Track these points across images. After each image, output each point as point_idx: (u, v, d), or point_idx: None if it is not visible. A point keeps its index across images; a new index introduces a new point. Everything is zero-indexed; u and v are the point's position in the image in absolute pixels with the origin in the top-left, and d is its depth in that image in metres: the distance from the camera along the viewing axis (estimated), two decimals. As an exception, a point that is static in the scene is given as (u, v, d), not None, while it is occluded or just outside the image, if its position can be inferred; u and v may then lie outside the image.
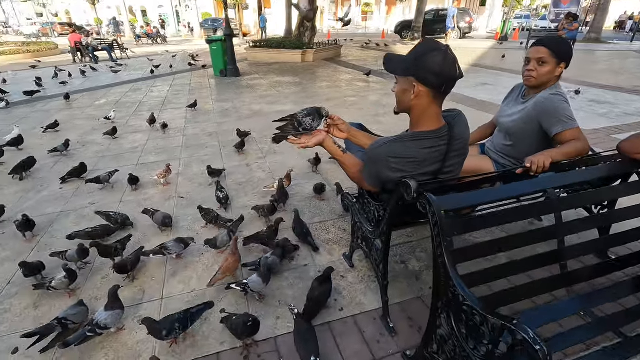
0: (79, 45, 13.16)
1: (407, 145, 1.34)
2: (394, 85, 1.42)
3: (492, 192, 1.38)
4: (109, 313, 1.74)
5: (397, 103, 1.44)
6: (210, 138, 4.65)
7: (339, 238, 2.48)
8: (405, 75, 1.33)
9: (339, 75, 9.32)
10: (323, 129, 1.68)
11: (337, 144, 1.66)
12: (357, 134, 1.79)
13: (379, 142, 1.40)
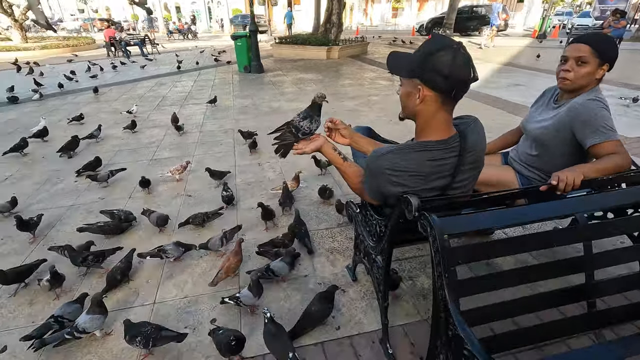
0: (113, 40, 13.62)
1: (409, 156, 1.17)
2: (399, 87, 1.26)
3: (506, 215, 1.18)
4: (89, 317, 1.69)
5: (402, 108, 1.27)
6: (226, 135, 4.61)
7: (344, 247, 2.34)
8: (410, 76, 1.16)
9: (363, 73, 9.09)
10: (322, 134, 1.54)
11: (338, 150, 1.51)
12: (361, 140, 1.63)
13: (378, 152, 1.24)
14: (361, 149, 1.63)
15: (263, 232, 2.53)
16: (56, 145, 4.41)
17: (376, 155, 1.24)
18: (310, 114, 1.49)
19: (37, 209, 2.91)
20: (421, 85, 1.12)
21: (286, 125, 1.51)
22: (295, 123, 1.48)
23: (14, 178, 3.52)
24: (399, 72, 1.21)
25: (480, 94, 6.40)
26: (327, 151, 1.50)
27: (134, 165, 3.73)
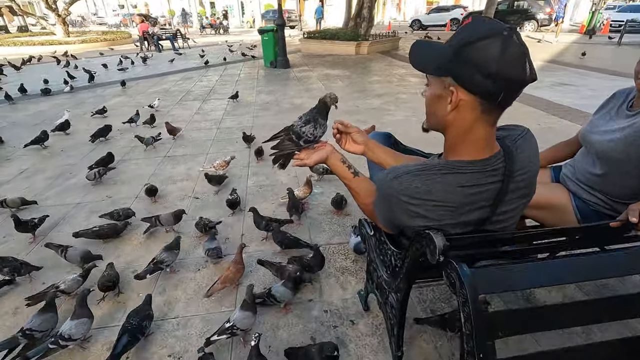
0: (146, 34, 13.90)
1: (435, 180, 0.88)
2: (425, 89, 0.96)
3: (574, 267, 0.86)
4: (74, 322, 1.55)
5: (427, 116, 0.97)
6: (244, 132, 4.42)
7: (357, 268, 2.06)
8: (439, 74, 0.86)
9: (393, 69, 8.67)
10: (330, 143, 1.27)
11: (347, 162, 1.23)
12: (378, 149, 1.32)
13: (393, 172, 0.95)
14: (377, 159, 1.33)
15: (264, 242, 2.30)
16: (77, 138, 4.42)
17: (390, 176, 0.95)
18: (314, 116, 1.22)
19: (44, 206, 2.83)
20: (454, 87, 0.82)
21: (285, 131, 1.25)
22: (296, 128, 1.22)
23: (30, 172, 3.50)
24: (425, 68, 0.91)
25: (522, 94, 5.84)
26: (334, 163, 1.22)
27: (146, 162, 3.62)
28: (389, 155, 1.31)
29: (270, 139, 1.27)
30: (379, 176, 1.01)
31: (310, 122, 1.22)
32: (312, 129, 1.21)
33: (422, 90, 0.97)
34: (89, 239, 2.32)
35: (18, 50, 15.19)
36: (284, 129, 1.27)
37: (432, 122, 0.95)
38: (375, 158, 1.32)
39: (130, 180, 3.22)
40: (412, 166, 0.95)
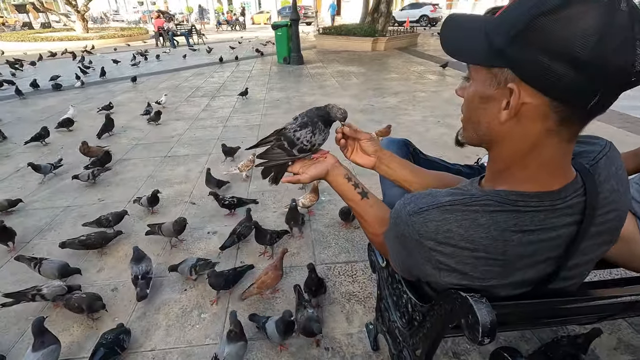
0: (161, 30, 13.87)
1: (477, 221, 0.59)
2: (462, 82, 0.67)
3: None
4: (39, 354, 1.32)
5: (465, 123, 0.67)
6: (251, 132, 4.18)
7: (367, 294, 1.77)
8: (490, 64, 0.56)
9: (411, 66, 8.28)
10: (330, 153, 0.98)
11: (353, 179, 0.94)
12: (393, 162, 1.01)
13: (415, 202, 0.66)
14: (393, 176, 1.03)
15: (266, 260, 2.04)
16: (79, 135, 4.27)
17: (410, 208, 0.66)
18: (313, 119, 0.94)
19: (32, 209, 2.65)
20: (515, 84, 0.52)
21: (276, 135, 0.97)
22: (289, 133, 0.94)
23: (26, 170, 3.33)
24: (466, 55, 0.60)
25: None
26: (337, 180, 0.94)
27: (145, 162, 3.42)
28: (408, 170, 1.02)
29: (256, 145, 1.00)
30: (396, 206, 0.72)
31: (308, 125, 0.93)
32: (309, 134, 0.93)
33: (460, 84, 0.68)
34: (75, 249, 2.11)
35: (38, 45, 15.43)
36: (275, 132, 0.99)
37: (474, 133, 0.65)
38: (390, 174, 1.02)
39: (125, 182, 3.01)
40: (441, 195, 0.66)
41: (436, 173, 1.03)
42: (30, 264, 1.89)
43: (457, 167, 1.39)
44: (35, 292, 1.69)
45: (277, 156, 0.95)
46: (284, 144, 0.94)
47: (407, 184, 1.01)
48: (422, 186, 1.00)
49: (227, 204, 2.40)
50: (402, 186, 1.03)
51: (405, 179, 1.00)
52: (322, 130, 0.94)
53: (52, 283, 1.73)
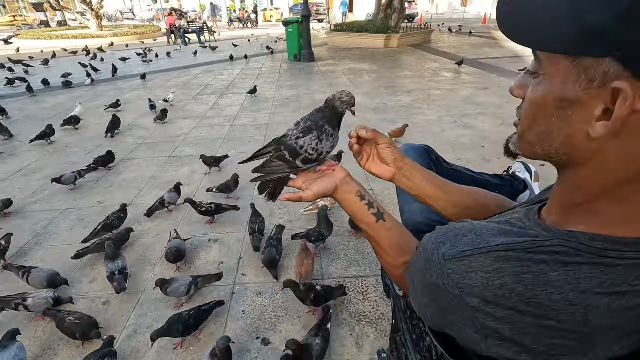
0: (173, 27, 13.87)
1: (546, 278, 0.41)
2: (522, 77, 0.49)
3: None
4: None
5: (526, 131, 0.48)
6: (258, 131, 4.04)
7: (379, 315, 1.60)
8: (581, 50, 0.37)
9: (425, 63, 8.02)
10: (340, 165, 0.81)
11: (368, 197, 0.77)
12: (416, 174, 0.83)
13: (453, 244, 0.48)
14: (415, 189, 0.83)
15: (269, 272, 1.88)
16: (84, 134, 4.21)
17: (445, 250, 0.48)
18: (317, 122, 0.78)
19: (30, 211, 2.56)
20: (627, 81, 0.34)
21: (275, 146, 0.81)
22: (290, 141, 0.77)
23: (29, 169, 3.28)
24: (541, 38, 0.41)
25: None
26: (347, 198, 0.77)
27: (149, 162, 3.30)
28: (434, 185, 0.83)
29: (251, 158, 0.84)
30: (424, 244, 0.54)
31: (313, 130, 0.77)
32: (314, 141, 0.76)
33: (516, 82, 0.50)
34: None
35: (54, 43, 15.63)
36: (273, 141, 0.83)
37: (539, 147, 0.46)
38: (412, 188, 0.84)
39: (127, 183, 2.90)
40: (489, 232, 0.48)
41: (468, 190, 0.85)
42: (18, 274, 1.78)
43: (485, 178, 1.21)
44: (20, 302, 1.58)
45: (277, 169, 0.79)
46: (285, 154, 0.78)
47: (432, 201, 0.84)
48: (451, 205, 0.82)
49: (205, 210, 2.24)
50: (425, 203, 0.86)
51: (430, 194, 0.83)
52: (330, 135, 0.78)
53: (39, 294, 1.61)
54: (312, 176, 0.80)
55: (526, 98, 0.46)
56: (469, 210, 0.82)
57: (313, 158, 0.77)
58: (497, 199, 0.85)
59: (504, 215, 0.56)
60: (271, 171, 0.79)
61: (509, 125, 3.95)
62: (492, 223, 0.52)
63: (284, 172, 0.78)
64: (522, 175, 1.31)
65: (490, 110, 4.38)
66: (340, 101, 0.77)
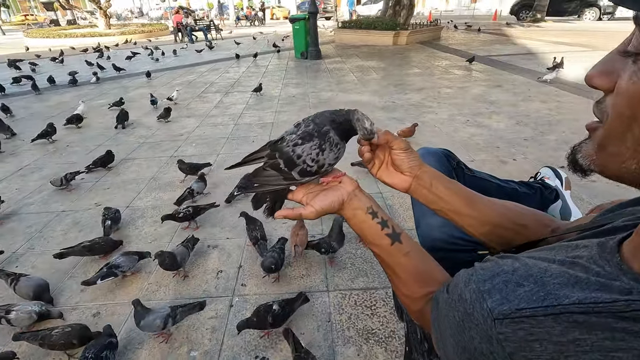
0: (180, 25, 13.83)
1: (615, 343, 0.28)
2: (609, 61, 0.35)
3: None
4: None
5: (611, 138, 0.35)
6: (263, 130, 3.92)
7: (388, 333, 1.46)
8: None
9: (434, 60, 7.82)
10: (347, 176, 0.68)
11: (381, 213, 0.64)
12: (437, 182, 0.68)
13: (502, 288, 0.35)
14: (436, 202, 0.69)
15: (270, 282, 1.76)
16: (86, 133, 4.14)
17: (493, 304, 0.35)
18: (322, 127, 0.64)
19: (26, 212, 2.48)
20: None
21: (269, 150, 0.68)
22: (286, 148, 0.64)
23: (28, 169, 3.20)
24: None
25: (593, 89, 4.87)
26: (356, 216, 0.64)
27: (149, 162, 3.20)
28: (460, 198, 0.68)
29: (240, 163, 0.71)
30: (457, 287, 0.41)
31: (314, 136, 0.64)
32: (314, 151, 0.63)
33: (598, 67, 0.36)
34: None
35: (62, 41, 15.71)
36: (268, 144, 0.70)
37: (633, 162, 0.33)
38: (433, 201, 0.69)
39: (125, 185, 2.80)
40: (555, 281, 0.34)
41: (501, 204, 0.71)
42: (7, 280, 1.69)
43: (511, 186, 1.07)
44: (2, 315, 1.47)
45: (271, 180, 0.66)
46: (279, 162, 0.65)
47: (456, 216, 0.70)
48: (479, 222, 0.68)
49: (182, 216, 2.10)
50: (447, 218, 0.72)
51: (455, 209, 0.69)
52: (334, 144, 0.64)
53: (24, 307, 1.50)
54: (315, 188, 0.67)
55: (620, 89, 0.32)
56: (501, 229, 0.68)
57: (312, 170, 0.64)
58: (536, 215, 0.71)
59: (562, 248, 0.42)
60: (263, 182, 0.66)
61: (525, 124, 3.77)
62: (554, 264, 0.38)
63: (278, 184, 0.65)
64: (552, 183, 1.16)
65: (504, 109, 4.20)
66: (359, 123, 0.63)
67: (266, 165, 0.66)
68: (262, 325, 1.38)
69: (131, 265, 1.77)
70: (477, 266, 0.42)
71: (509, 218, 0.67)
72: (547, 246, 0.48)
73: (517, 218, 0.68)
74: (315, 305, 1.60)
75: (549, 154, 2.94)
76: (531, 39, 10.32)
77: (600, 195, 2.30)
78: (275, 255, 1.69)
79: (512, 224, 0.67)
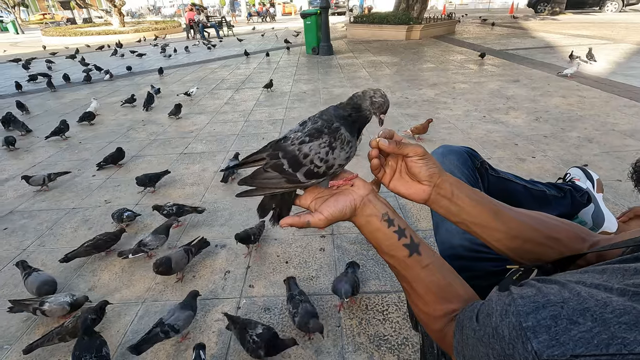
0: (192, 22, 13.89)
1: None
2: None
3: None
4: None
5: None
6: (273, 127, 3.87)
7: (401, 339, 1.40)
8: None
9: (449, 55, 7.63)
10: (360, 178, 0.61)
11: (397, 221, 0.57)
12: (459, 192, 0.59)
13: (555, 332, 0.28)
14: (459, 214, 0.61)
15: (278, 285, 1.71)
16: (99, 129, 4.17)
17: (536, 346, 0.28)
18: (330, 123, 0.58)
19: (38, 209, 2.49)
20: None
21: (270, 151, 0.61)
22: (291, 147, 0.58)
23: (41, 166, 3.23)
24: None
25: (615, 83, 4.67)
26: (370, 224, 0.57)
27: (159, 159, 3.19)
28: (486, 210, 0.60)
29: (239, 165, 0.65)
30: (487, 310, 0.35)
31: (323, 133, 0.57)
32: (324, 149, 0.57)
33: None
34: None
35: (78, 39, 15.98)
36: (270, 144, 0.63)
37: None
38: (456, 213, 0.61)
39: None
40: (616, 319, 0.27)
41: (531, 215, 0.63)
42: (22, 273, 1.69)
43: (539, 188, 0.98)
44: (37, 307, 1.51)
45: (271, 183, 0.60)
46: (282, 163, 0.58)
47: (481, 230, 0.62)
48: (507, 236, 0.60)
49: (167, 213, 2.11)
50: (470, 232, 0.64)
51: (480, 222, 0.61)
52: (345, 142, 0.58)
53: (56, 299, 1.53)
54: (324, 193, 0.60)
55: None
56: (532, 244, 0.60)
57: (320, 172, 0.57)
58: (571, 228, 0.62)
59: (616, 273, 0.35)
60: (263, 185, 0.60)
61: (545, 120, 3.62)
62: (613, 294, 0.31)
63: (280, 187, 0.59)
64: (583, 185, 1.07)
65: (521, 104, 4.05)
66: (370, 101, 0.57)
67: (267, 165, 0.59)
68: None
69: (159, 243, 1.86)
70: (514, 293, 0.35)
71: (541, 232, 0.59)
72: (593, 267, 0.41)
73: (550, 231, 0.60)
74: (325, 309, 1.55)
75: (571, 151, 2.80)
76: (550, 32, 10.00)
77: (627, 196, 2.17)
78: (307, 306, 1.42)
79: (545, 238, 0.59)
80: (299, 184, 0.58)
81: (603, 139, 2.98)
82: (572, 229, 0.61)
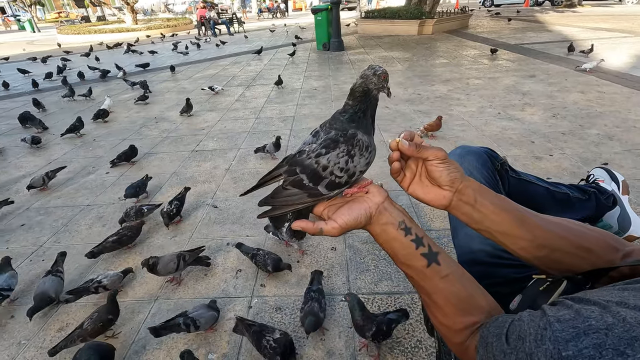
0: (203, 19, 13.95)
1: None
2: None
3: None
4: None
5: None
6: (284, 124, 3.85)
7: (414, 343, 1.37)
8: None
9: (462, 50, 7.48)
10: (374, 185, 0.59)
11: (415, 230, 0.55)
12: (482, 198, 0.57)
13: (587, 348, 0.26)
14: (482, 222, 0.57)
15: (290, 284, 1.70)
16: (113, 127, 4.22)
17: None
18: (345, 130, 0.56)
19: (54, 206, 2.53)
20: None
21: (287, 167, 0.59)
22: (308, 161, 0.56)
23: (57, 163, 3.28)
24: None
25: (637, 78, 4.50)
26: (386, 233, 0.55)
27: (171, 157, 3.21)
28: (509, 216, 0.57)
29: (255, 187, 0.63)
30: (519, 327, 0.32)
31: (340, 143, 0.55)
32: (343, 158, 0.55)
33: None
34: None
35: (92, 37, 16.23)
36: (284, 160, 0.61)
37: None
38: (479, 220, 0.58)
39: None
40: None
41: (559, 223, 0.59)
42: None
43: (562, 190, 0.94)
44: (97, 285, 1.63)
45: (293, 199, 0.58)
46: (302, 178, 0.56)
47: (505, 238, 0.59)
48: (533, 245, 0.57)
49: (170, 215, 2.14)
50: (494, 240, 0.61)
51: (504, 230, 0.58)
52: (364, 147, 0.56)
53: (107, 273, 1.69)
54: (337, 201, 0.58)
55: None
56: (560, 253, 0.57)
57: (342, 182, 0.55)
58: (602, 236, 0.59)
59: None
60: (285, 202, 0.58)
61: (563, 117, 3.52)
62: None
63: (303, 203, 0.57)
64: (608, 187, 1.02)
65: (538, 101, 3.94)
66: (376, 78, 0.56)
67: (286, 183, 0.58)
68: None
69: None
70: (549, 315, 0.32)
71: (570, 240, 0.56)
72: (633, 284, 0.38)
73: (580, 240, 0.56)
74: (337, 310, 1.53)
75: (591, 149, 2.71)
76: (567, 25, 9.72)
77: (650, 195, 2.09)
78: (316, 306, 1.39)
79: (574, 247, 0.56)
80: (321, 196, 0.56)
81: (624, 136, 2.88)
82: (604, 237, 0.58)
